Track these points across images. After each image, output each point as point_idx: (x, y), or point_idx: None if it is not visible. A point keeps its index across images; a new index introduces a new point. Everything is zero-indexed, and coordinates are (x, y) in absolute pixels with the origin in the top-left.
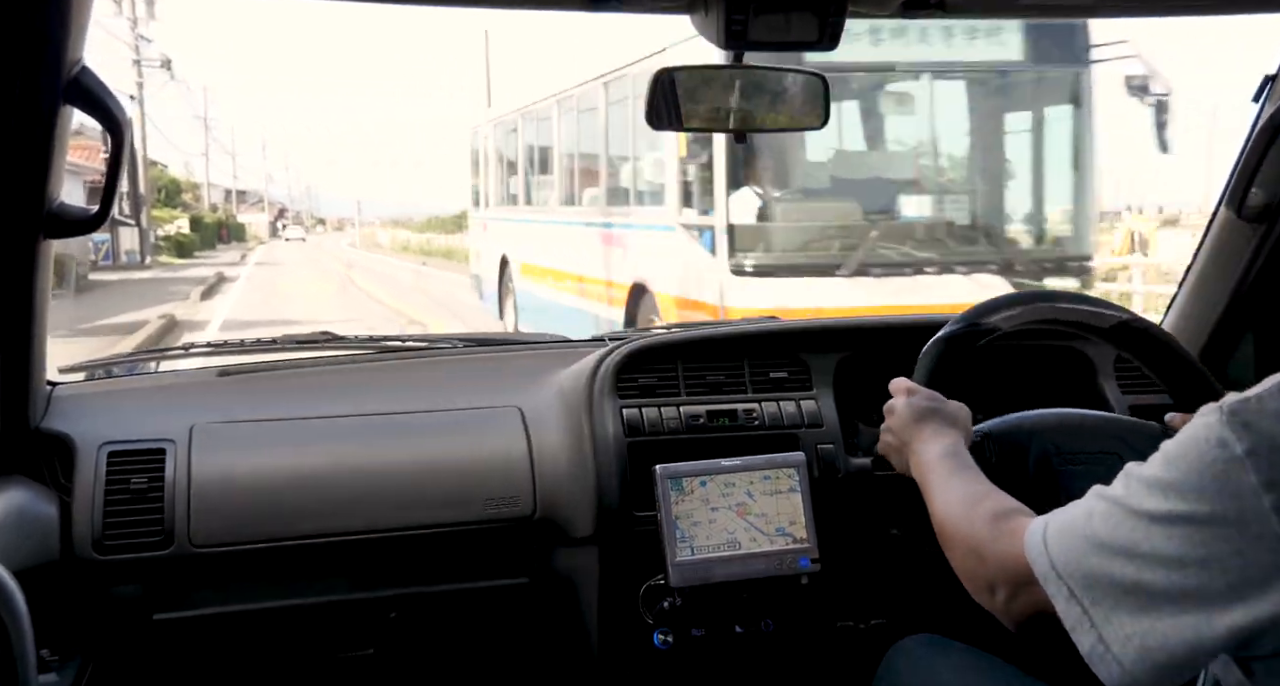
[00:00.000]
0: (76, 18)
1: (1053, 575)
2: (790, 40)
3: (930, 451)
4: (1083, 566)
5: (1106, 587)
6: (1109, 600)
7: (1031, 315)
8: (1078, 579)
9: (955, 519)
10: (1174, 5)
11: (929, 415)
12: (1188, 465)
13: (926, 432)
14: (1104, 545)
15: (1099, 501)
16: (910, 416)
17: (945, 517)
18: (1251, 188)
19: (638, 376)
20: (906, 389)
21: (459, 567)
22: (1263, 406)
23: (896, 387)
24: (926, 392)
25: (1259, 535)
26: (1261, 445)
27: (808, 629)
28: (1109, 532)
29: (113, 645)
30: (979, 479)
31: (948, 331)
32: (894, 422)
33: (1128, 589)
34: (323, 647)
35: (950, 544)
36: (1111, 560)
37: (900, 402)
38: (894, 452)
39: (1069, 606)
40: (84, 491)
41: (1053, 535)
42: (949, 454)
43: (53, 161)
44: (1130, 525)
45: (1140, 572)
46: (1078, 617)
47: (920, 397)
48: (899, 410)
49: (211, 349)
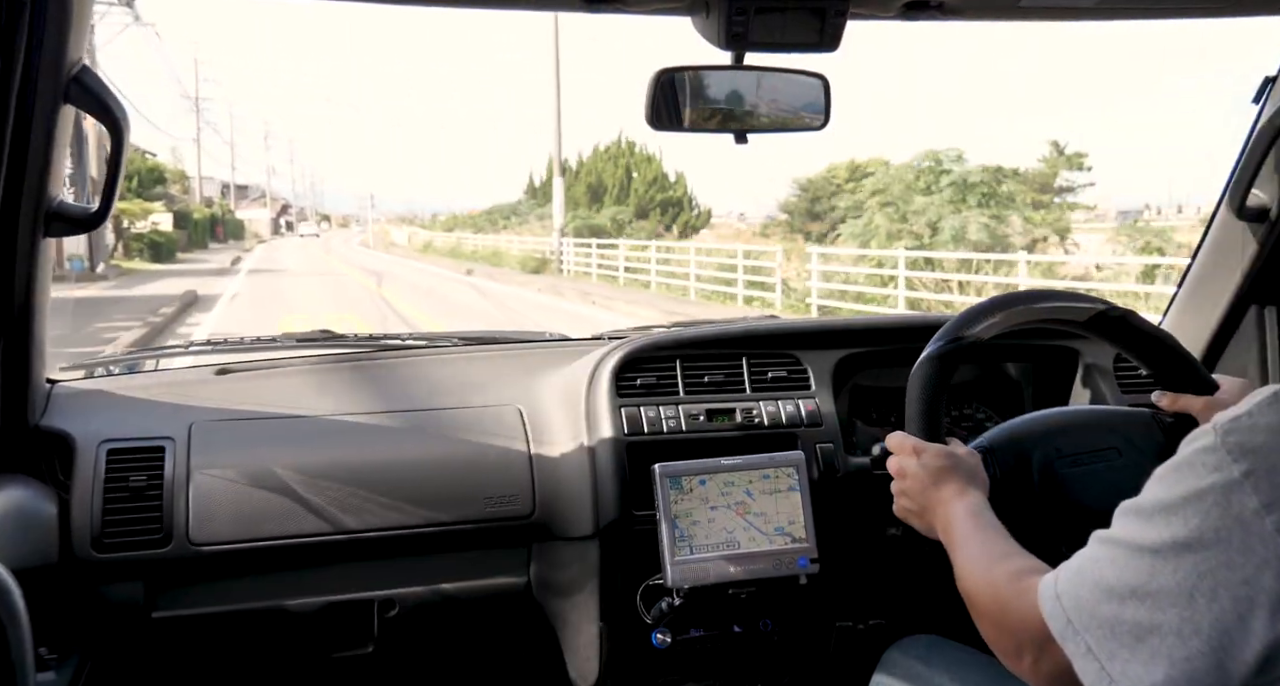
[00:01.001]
0: (77, 18)
1: (1070, 630)
2: (791, 41)
3: (955, 513)
4: (1097, 616)
5: (1121, 637)
6: (1124, 652)
7: (1010, 319)
8: (1093, 630)
9: (978, 583)
10: (1175, 7)
11: (946, 475)
12: (1185, 490)
13: (947, 493)
14: (1114, 590)
15: (1101, 546)
16: (927, 479)
17: (969, 582)
18: (1252, 189)
19: (637, 376)
20: (913, 448)
21: (458, 566)
22: (1255, 424)
23: (900, 447)
24: (934, 450)
25: (1265, 560)
26: (1259, 465)
27: (806, 628)
28: (1117, 575)
29: (111, 643)
30: (1002, 539)
31: (931, 350)
32: (909, 486)
33: (1140, 635)
34: (321, 646)
35: (975, 609)
36: (1123, 605)
37: (911, 465)
38: (915, 518)
39: (1086, 663)
40: (83, 489)
41: (1064, 588)
42: (972, 514)
43: (53, 160)
44: (1136, 564)
45: (1153, 614)
46: (1096, 674)
47: (930, 456)
48: (912, 473)
49: (211, 347)
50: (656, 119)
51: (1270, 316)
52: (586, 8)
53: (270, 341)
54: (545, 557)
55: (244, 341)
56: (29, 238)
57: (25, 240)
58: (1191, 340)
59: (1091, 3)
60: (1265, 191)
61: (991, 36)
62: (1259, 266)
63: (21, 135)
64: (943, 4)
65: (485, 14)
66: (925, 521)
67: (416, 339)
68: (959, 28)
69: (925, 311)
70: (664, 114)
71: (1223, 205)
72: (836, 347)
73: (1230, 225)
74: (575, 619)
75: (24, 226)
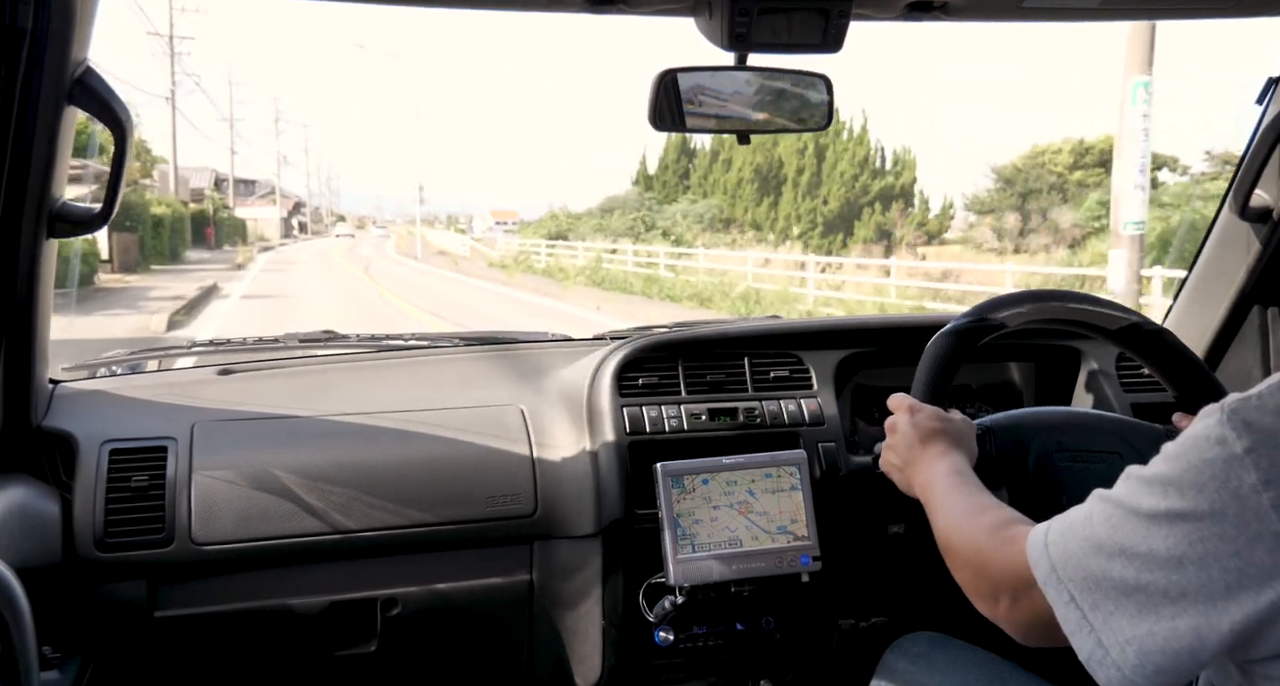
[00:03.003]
0: (81, 18)
1: (1053, 578)
2: (794, 42)
3: (935, 470)
4: (1083, 568)
5: (1106, 590)
6: (1108, 603)
7: (1039, 314)
8: (1078, 581)
9: (957, 530)
10: (1178, 8)
11: (934, 435)
12: (1187, 463)
13: (932, 452)
14: (1103, 546)
15: (1099, 503)
16: (915, 436)
17: (948, 530)
18: (1255, 189)
19: (639, 375)
20: (909, 407)
21: (460, 565)
22: (1263, 404)
23: (897, 405)
24: (929, 410)
25: (1258, 534)
26: (1262, 443)
27: (808, 627)
28: (1109, 533)
29: (114, 642)
30: (982, 493)
31: (955, 325)
32: (897, 442)
33: (1127, 591)
34: (323, 645)
35: (953, 555)
36: (1111, 561)
37: (903, 421)
38: (896, 471)
39: (1068, 610)
40: (85, 489)
41: (1054, 539)
42: (954, 471)
43: (56, 161)
44: (1130, 525)
45: (1139, 574)
46: (1077, 621)
47: (924, 416)
48: (902, 429)
49: (213, 347)
50: (659, 119)
51: (1273, 317)
52: (589, 8)
53: (273, 342)
54: (547, 557)
55: (246, 342)
56: (32, 238)
57: (28, 241)
58: (1194, 340)
59: (1095, 3)
60: (1268, 192)
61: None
62: (1262, 267)
63: (25, 136)
64: (946, 5)
65: (491, 12)
66: (906, 477)
67: (419, 339)
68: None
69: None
70: (666, 114)
71: (1226, 205)
72: (838, 347)
73: (1233, 225)
74: (578, 617)
75: (27, 227)
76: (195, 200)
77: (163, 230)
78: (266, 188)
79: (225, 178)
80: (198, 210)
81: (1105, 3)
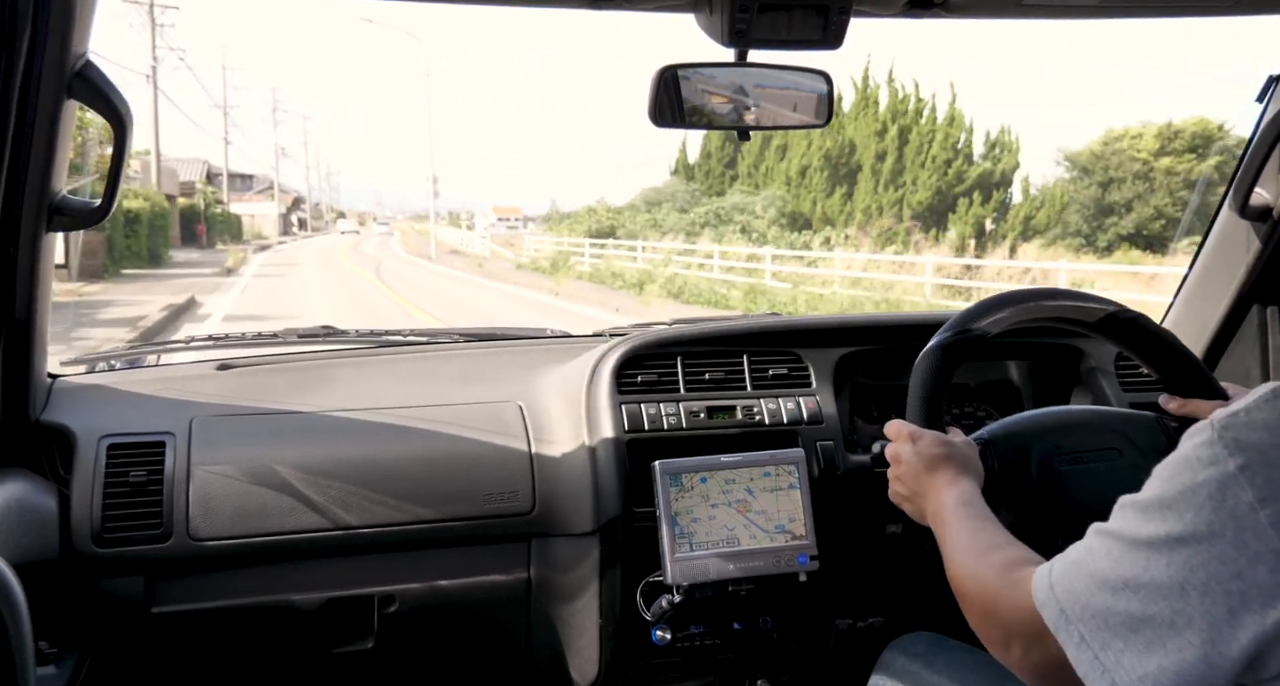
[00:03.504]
0: (81, 11)
1: (1063, 620)
2: (794, 38)
3: (945, 501)
4: (1090, 606)
5: (1114, 627)
6: (1118, 641)
7: (1018, 315)
8: (1086, 620)
9: (967, 572)
10: (1178, 6)
11: (940, 463)
12: (1181, 485)
13: (940, 482)
14: (1108, 581)
15: (1098, 538)
16: (920, 466)
17: (957, 571)
18: (1255, 188)
19: (638, 373)
20: (909, 434)
21: (458, 562)
22: (1252, 419)
23: (897, 433)
24: (931, 437)
25: (1258, 553)
26: (1255, 460)
27: (806, 626)
28: (1111, 567)
29: (111, 638)
30: (993, 528)
31: (939, 340)
32: (903, 473)
33: (1134, 625)
34: (321, 641)
35: (962, 596)
36: (1116, 596)
37: (907, 451)
38: (906, 502)
39: (1080, 652)
40: (83, 484)
41: (1058, 578)
42: (963, 503)
43: (56, 155)
44: (1131, 557)
45: (1145, 606)
46: (1090, 663)
47: (926, 444)
48: (906, 459)
49: (212, 342)
50: (659, 115)
51: (1272, 316)
52: (590, 5)
53: (271, 337)
54: (545, 554)
55: (245, 337)
56: (31, 232)
57: (28, 235)
58: (1193, 339)
59: (1095, 0)
60: (1268, 190)
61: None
62: (1261, 266)
63: (25, 129)
64: (946, 1)
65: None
66: (916, 507)
67: (418, 335)
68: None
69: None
70: (667, 111)
71: (1225, 204)
72: (838, 346)
73: (1233, 224)
74: (575, 615)
75: (27, 221)
76: (185, 194)
77: (139, 228)
78: (264, 182)
79: (219, 171)
80: (187, 205)
81: (1104, 0)
